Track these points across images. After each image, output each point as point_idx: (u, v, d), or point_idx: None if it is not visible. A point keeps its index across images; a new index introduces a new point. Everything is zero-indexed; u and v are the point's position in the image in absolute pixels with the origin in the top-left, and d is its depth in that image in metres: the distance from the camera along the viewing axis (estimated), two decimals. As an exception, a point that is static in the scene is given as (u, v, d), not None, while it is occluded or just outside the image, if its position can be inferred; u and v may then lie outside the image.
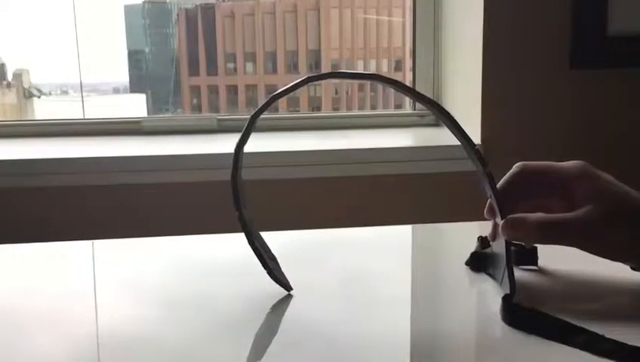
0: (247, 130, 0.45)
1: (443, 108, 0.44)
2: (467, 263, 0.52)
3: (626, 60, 1.19)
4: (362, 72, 0.54)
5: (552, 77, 1.18)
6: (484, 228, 0.57)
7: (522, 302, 0.43)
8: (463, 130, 0.44)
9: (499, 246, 0.47)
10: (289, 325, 0.43)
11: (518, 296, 0.43)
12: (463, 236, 0.64)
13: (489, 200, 0.47)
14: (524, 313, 0.41)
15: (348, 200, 1.19)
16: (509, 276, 0.44)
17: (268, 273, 0.46)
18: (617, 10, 1.16)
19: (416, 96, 0.44)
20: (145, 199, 1.15)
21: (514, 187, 0.46)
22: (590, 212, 0.43)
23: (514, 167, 0.47)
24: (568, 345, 0.38)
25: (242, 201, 0.46)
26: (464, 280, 0.51)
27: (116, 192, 1.14)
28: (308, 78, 0.45)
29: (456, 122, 0.44)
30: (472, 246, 0.52)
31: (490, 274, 0.49)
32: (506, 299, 0.43)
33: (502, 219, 0.45)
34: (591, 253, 0.44)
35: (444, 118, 0.44)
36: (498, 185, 0.46)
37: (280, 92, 0.45)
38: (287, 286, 0.47)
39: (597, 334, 0.38)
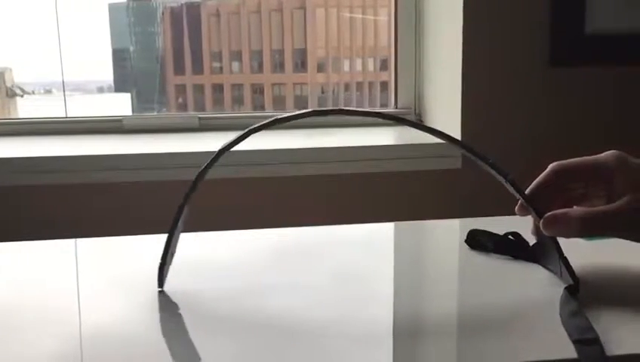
0: (212, 161, 0.46)
1: (456, 139, 0.47)
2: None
3: (605, 58, 1.20)
4: (370, 110, 0.52)
5: (531, 75, 1.20)
6: (468, 224, 0.57)
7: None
8: (476, 151, 0.46)
9: (545, 241, 0.48)
10: (277, 321, 0.43)
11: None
12: (447, 233, 0.65)
13: (520, 200, 0.48)
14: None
15: (332, 198, 1.20)
16: (567, 268, 0.45)
17: (160, 264, 0.47)
18: (595, 8, 1.17)
19: (436, 133, 0.45)
20: (127, 197, 1.14)
21: (549, 186, 0.47)
22: (631, 201, 0.43)
23: (549, 167, 0.47)
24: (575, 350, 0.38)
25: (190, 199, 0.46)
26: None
27: (98, 191, 1.13)
28: (314, 111, 0.45)
29: (469, 146, 0.46)
30: (457, 242, 0.53)
31: (546, 267, 0.50)
32: (569, 290, 0.43)
33: (538, 217, 0.46)
34: (638, 242, 0.44)
35: (459, 146, 0.46)
36: (532, 186, 0.47)
37: (284, 117, 0.45)
38: (162, 283, 0.47)
39: (602, 348, 0.37)
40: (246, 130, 0.45)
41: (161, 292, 0.47)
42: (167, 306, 0.46)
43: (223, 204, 1.16)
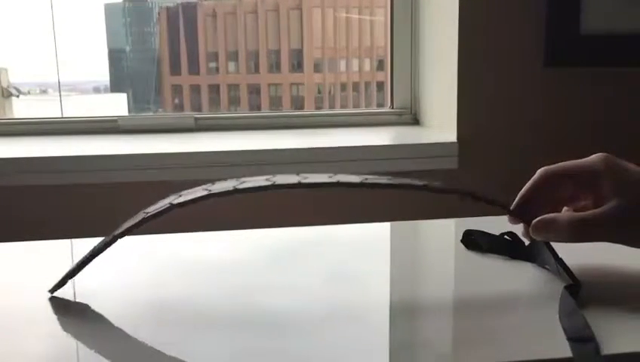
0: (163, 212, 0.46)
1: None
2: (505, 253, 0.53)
3: (600, 59, 1.20)
4: (331, 180, 0.44)
5: (526, 75, 1.20)
6: (463, 223, 0.57)
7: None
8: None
9: (538, 244, 0.49)
10: (274, 321, 0.43)
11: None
12: (443, 233, 0.65)
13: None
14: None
15: (331, 198, 1.20)
16: (564, 270, 0.46)
17: (73, 269, 0.47)
18: (591, 9, 1.18)
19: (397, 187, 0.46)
20: (122, 198, 1.14)
21: (538, 192, 0.47)
22: (618, 205, 0.44)
23: (537, 172, 0.48)
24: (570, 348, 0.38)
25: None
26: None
27: (93, 191, 1.13)
28: (274, 185, 0.46)
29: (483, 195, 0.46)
30: (453, 241, 0.53)
31: (544, 267, 0.50)
32: (568, 289, 0.44)
33: (527, 223, 0.46)
34: (626, 245, 0.45)
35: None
36: (522, 191, 0.48)
37: (245, 188, 0.47)
38: (55, 288, 0.47)
39: (597, 346, 0.37)
40: (206, 193, 0.45)
41: (53, 295, 0.47)
42: (165, 305, 0.46)
43: (222, 204, 1.16)
